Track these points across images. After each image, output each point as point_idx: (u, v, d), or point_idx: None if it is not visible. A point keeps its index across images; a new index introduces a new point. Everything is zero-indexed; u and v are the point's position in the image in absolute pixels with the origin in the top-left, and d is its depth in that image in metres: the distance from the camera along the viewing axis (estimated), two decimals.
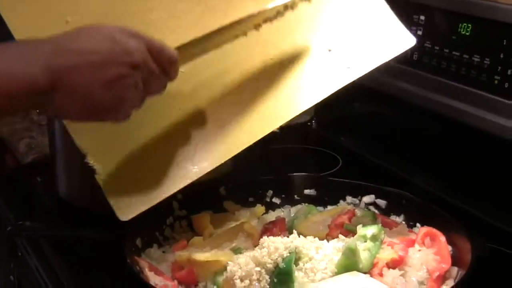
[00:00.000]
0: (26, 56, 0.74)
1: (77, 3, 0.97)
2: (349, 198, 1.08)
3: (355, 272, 0.89)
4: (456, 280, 0.89)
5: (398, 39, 1.07)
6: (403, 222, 1.03)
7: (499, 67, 1.11)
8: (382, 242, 0.94)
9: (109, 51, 0.78)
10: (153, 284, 0.88)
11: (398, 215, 1.04)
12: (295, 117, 1.04)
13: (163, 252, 1.00)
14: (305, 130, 1.49)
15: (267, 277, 0.89)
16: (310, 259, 0.92)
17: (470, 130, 1.15)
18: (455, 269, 0.91)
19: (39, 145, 1.40)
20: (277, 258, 0.89)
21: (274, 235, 0.97)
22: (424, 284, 0.89)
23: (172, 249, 1.00)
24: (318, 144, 1.42)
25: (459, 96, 1.17)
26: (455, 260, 0.92)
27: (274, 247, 0.91)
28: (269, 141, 1.21)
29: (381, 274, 0.90)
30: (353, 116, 1.43)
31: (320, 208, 1.07)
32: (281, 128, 1.46)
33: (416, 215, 1.02)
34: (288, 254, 0.90)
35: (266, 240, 0.94)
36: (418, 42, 1.23)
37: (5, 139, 1.48)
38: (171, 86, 0.88)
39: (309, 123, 1.50)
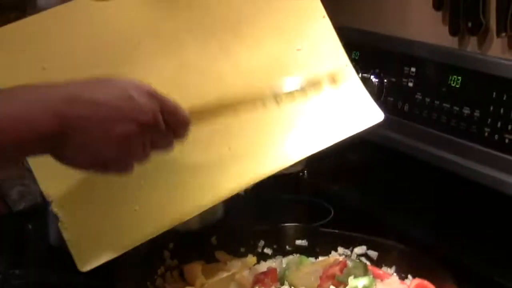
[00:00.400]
0: (38, 101, 0.74)
1: (53, 50, 0.97)
2: (340, 249, 1.07)
3: None
4: None
5: (367, 114, 1.07)
6: (395, 274, 1.02)
7: (489, 119, 1.12)
8: None
9: (122, 106, 0.77)
10: None
11: (390, 266, 1.03)
12: (286, 168, 1.04)
13: None
14: (297, 180, 1.48)
15: None
16: None
17: (461, 181, 1.16)
18: None
19: (31, 193, 1.38)
20: None
21: (265, 285, 0.97)
22: None
23: None
24: (310, 195, 1.41)
25: (450, 147, 1.17)
26: None
27: None
28: (262, 191, 1.22)
29: None
30: (345, 167, 1.43)
31: (312, 259, 1.07)
32: (274, 177, 1.46)
33: (408, 266, 1.01)
34: None
35: None
36: (409, 93, 1.25)
37: None
38: None
39: (301, 173, 1.50)
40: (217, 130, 0.95)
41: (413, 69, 1.25)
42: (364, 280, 0.95)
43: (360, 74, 1.31)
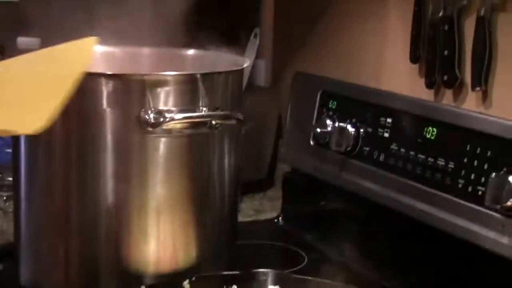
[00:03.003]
0: None
1: None
2: None
3: None
4: None
5: None
6: None
7: (463, 171, 1.11)
8: None
9: None
10: None
11: None
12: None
13: None
14: (272, 227, 1.47)
15: None
16: None
17: (434, 232, 1.14)
18: None
19: (3, 232, 1.37)
20: None
21: None
22: None
23: None
24: (284, 241, 1.39)
25: (424, 198, 1.16)
26: None
27: None
28: (236, 236, 1.20)
29: None
30: (319, 214, 1.42)
31: None
32: (249, 224, 1.46)
33: None
34: None
35: None
36: (384, 144, 1.24)
37: None
38: None
39: (275, 220, 1.49)
40: None
41: (389, 120, 1.25)
42: None
43: (337, 124, 1.32)
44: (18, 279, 1.15)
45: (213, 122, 1.07)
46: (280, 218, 1.49)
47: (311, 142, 1.38)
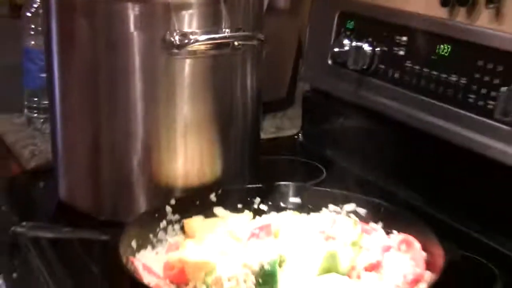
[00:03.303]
0: None
1: None
2: (331, 206, 1.09)
3: (335, 275, 0.91)
4: (429, 284, 0.90)
5: None
6: (381, 229, 1.04)
7: (475, 86, 1.13)
8: (360, 248, 0.96)
9: None
10: (146, 283, 0.90)
11: (377, 222, 1.05)
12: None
13: (156, 253, 1.01)
14: (292, 143, 1.49)
15: (252, 277, 0.90)
16: (293, 263, 0.93)
17: (446, 145, 1.17)
18: (428, 273, 0.93)
19: (42, 152, 1.41)
20: (262, 261, 0.90)
21: (260, 239, 0.99)
22: (399, 287, 0.91)
23: (165, 250, 1.01)
24: (304, 156, 1.42)
25: (437, 112, 1.18)
26: (429, 265, 0.94)
27: (260, 251, 0.93)
28: (258, 152, 1.23)
29: (359, 277, 0.92)
30: (337, 131, 1.44)
31: (304, 215, 1.08)
32: (270, 140, 1.47)
33: (393, 222, 1.03)
34: (273, 258, 0.91)
35: (253, 244, 0.97)
36: (399, 62, 1.25)
37: (10, 146, 1.50)
38: None
39: (296, 136, 1.50)
40: None
41: (404, 38, 1.26)
42: (353, 235, 0.97)
43: (355, 43, 1.33)
44: (56, 195, 1.20)
45: (236, 43, 1.09)
46: (300, 135, 1.51)
47: (329, 62, 1.39)
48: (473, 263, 1.03)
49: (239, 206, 1.10)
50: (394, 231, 1.02)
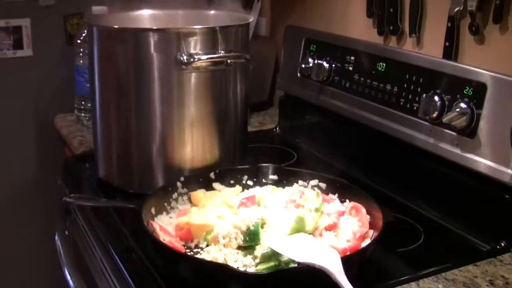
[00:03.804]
0: None
1: None
2: (300, 182, 1.05)
3: (303, 234, 0.87)
4: (372, 239, 0.87)
5: None
6: (337, 199, 1.00)
7: (403, 93, 1.10)
8: (322, 213, 0.92)
9: None
10: (162, 240, 0.86)
11: (334, 193, 1.01)
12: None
13: (170, 217, 0.97)
14: (272, 134, 1.47)
15: (241, 236, 0.87)
16: (272, 224, 0.90)
17: (384, 135, 1.14)
18: (371, 231, 0.90)
19: (87, 142, 1.38)
20: (249, 223, 0.87)
21: (247, 207, 0.95)
22: (350, 242, 0.87)
23: (176, 215, 0.97)
24: (280, 144, 1.40)
25: (377, 112, 1.16)
26: (372, 225, 0.91)
27: (247, 215, 0.89)
28: (247, 141, 1.20)
29: (321, 235, 0.88)
30: (305, 125, 1.41)
31: (280, 189, 1.04)
32: (255, 133, 1.46)
33: (346, 194, 0.99)
34: (257, 220, 0.88)
35: (241, 210, 0.92)
36: (349, 75, 1.23)
37: (65, 137, 1.47)
38: None
39: (274, 129, 1.48)
40: None
41: (352, 58, 1.23)
42: (316, 203, 0.93)
43: (316, 61, 1.30)
44: (97, 173, 1.16)
45: (229, 61, 1.06)
46: (277, 128, 1.48)
47: (298, 74, 1.36)
48: (404, 223, 1.01)
49: (232, 182, 1.05)
50: (347, 200, 0.99)
